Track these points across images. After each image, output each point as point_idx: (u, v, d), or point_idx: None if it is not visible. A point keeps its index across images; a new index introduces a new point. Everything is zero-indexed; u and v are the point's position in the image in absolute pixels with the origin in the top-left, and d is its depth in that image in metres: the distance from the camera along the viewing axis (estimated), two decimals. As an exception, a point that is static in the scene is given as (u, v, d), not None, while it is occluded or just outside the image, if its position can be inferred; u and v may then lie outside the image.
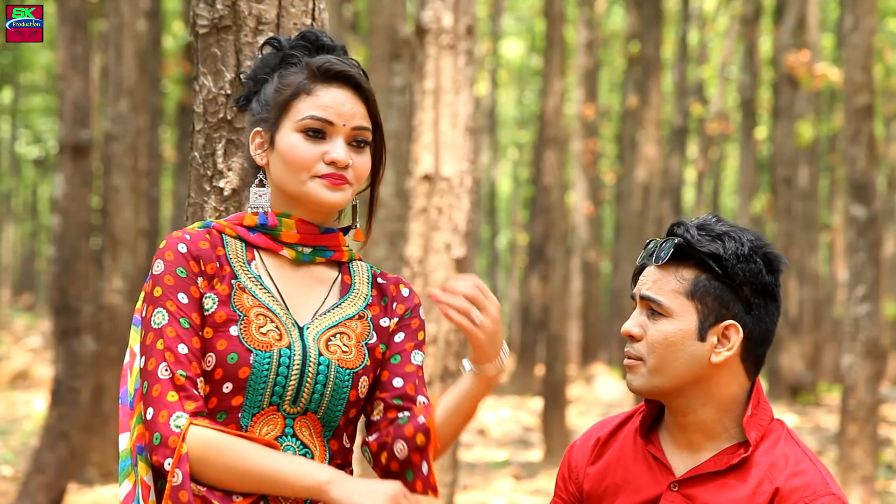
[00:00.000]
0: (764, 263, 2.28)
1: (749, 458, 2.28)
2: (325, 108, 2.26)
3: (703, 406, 2.30)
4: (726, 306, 2.27)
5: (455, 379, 5.51)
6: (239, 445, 2.14)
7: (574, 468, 2.47)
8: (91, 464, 9.70)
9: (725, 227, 2.29)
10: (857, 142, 8.91)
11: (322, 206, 2.27)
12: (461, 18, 5.61)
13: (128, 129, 10.00)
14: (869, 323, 8.75)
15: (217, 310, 2.22)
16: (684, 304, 2.28)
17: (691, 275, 2.28)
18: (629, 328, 2.31)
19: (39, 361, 18.38)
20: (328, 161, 2.25)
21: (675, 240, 2.30)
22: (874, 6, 9.07)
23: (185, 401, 2.15)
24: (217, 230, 2.30)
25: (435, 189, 5.54)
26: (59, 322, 8.23)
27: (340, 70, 2.29)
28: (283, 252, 2.30)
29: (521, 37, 29.04)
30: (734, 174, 29.00)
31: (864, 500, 8.50)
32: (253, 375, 2.19)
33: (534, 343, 19.62)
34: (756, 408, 2.31)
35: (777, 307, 2.32)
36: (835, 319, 21.00)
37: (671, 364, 2.28)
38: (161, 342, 2.17)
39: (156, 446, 2.13)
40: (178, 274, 2.22)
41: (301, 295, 2.30)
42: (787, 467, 2.28)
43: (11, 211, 33.89)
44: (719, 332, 2.28)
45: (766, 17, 21.68)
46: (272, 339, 2.21)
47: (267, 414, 2.21)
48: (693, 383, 2.29)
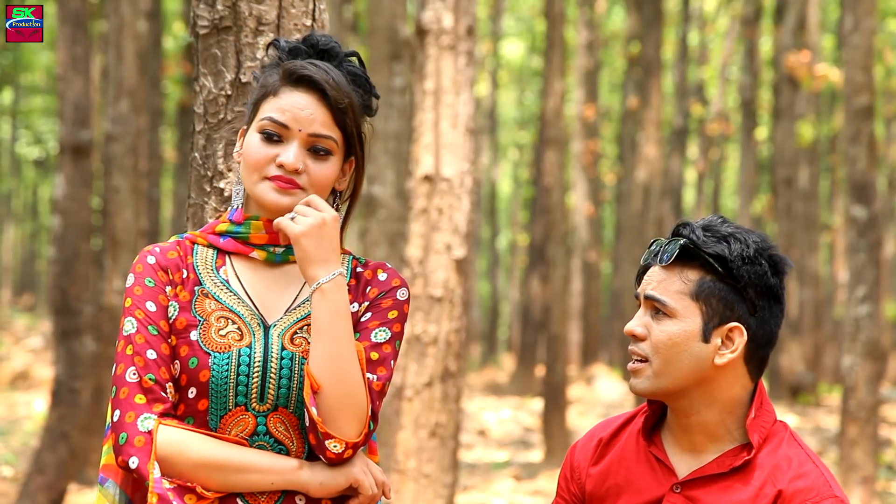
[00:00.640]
0: (769, 265, 2.28)
1: (752, 461, 2.28)
2: (283, 111, 2.26)
3: (706, 408, 2.30)
4: (731, 308, 2.27)
5: (455, 380, 5.52)
6: (206, 442, 2.17)
7: (576, 468, 2.46)
8: (91, 464, 9.70)
9: (731, 229, 2.29)
10: (858, 142, 8.91)
11: (269, 207, 2.27)
12: (461, 19, 5.61)
13: (128, 130, 10.00)
14: (869, 323, 8.75)
15: (178, 316, 2.25)
16: (689, 304, 2.27)
17: (696, 276, 2.28)
18: (633, 328, 2.31)
19: (40, 362, 18.38)
20: (277, 164, 2.25)
21: (680, 240, 2.29)
22: (874, 7, 9.07)
23: (152, 403, 2.17)
24: (189, 241, 2.33)
25: (435, 190, 5.54)
26: (59, 323, 8.23)
27: (306, 74, 2.27)
28: (252, 254, 2.31)
29: (522, 37, 29.04)
30: (734, 175, 28.99)
31: (864, 500, 8.50)
32: (213, 378, 2.21)
33: (534, 344, 19.62)
34: (759, 410, 2.31)
35: (781, 309, 2.31)
36: (835, 320, 20.99)
37: (675, 365, 2.27)
38: (130, 348, 2.20)
39: (121, 446, 2.15)
40: (147, 284, 2.25)
41: (272, 294, 2.30)
42: (791, 470, 2.27)
43: (12, 211, 33.89)
44: (723, 333, 2.27)
45: (766, 17, 21.67)
46: (231, 340, 2.23)
47: (235, 415, 2.22)
48: (696, 385, 2.28)
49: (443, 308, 5.51)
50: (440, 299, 5.51)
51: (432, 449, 5.41)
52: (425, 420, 5.44)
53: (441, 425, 5.45)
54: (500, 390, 20.19)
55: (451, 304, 5.53)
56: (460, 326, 5.57)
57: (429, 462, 5.42)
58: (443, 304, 5.51)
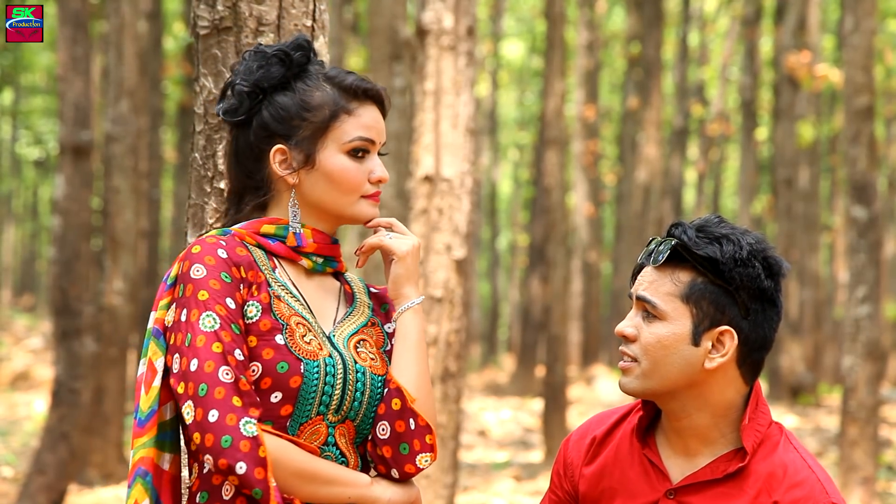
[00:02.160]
0: (763, 268, 2.23)
1: (746, 467, 2.24)
2: (368, 128, 2.28)
3: (697, 411, 2.27)
4: (722, 311, 2.22)
5: (455, 381, 5.52)
6: (300, 452, 2.16)
7: (569, 465, 2.44)
8: (91, 465, 9.70)
9: (726, 230, 2.24)
10: (858, 143, 8.91)
11: (364, 221, 2.32)
12: (462, 19, 5.61)
13: (128, 131, 10.00)
14: (869, 324, 8.75)
15: (261, 318, 2.19)
16: (679, 307, 2.23)
17: (688, 277, 2.24)
18: (623, 328, 2.28)
19: (40, 362, 18.38)
20: (374, 180, 2.29)
21: (672, 241, 2.25)
22: (875, 7, 9.06)
23: (249, 407, 2.11)
24: (238, 237, 2.27)
25: (435, 190, 5.54)
26: (59, 323, 8.23)
27: (374, 89, 2.32)
28: (301, 262, 2.29)
29: (522, 38, 29.03)
30: (735, 175, 28.99)
31: (864, 501, 8.50)
32: (304, 385, 2.18)
33: (534, 344, 19.61)
34: (754, 413, 2.27)
35: (777, 312, 2.26)
36: (835, 320, 20.99)
37: (664, 368, 2.24)
38: (218, 346, 2.12)
39: (225, 449, 2.08)
40: (223, 279, 2.18)
41: (320, 303, 2.30)
42: (786, 478, 2.23)
43: (12, 212, 33.89)
44: (714, 337, 2.23)
45: (766, 18, 21.67)
46: (315, 347, 2.22)
47: (314, 423, 2.21)
48: (687, 388, 2.25)
49: (443, 308, 5.51)
50: (440, 300, 5.51)
51: (432, 449, 5.41)
52: (425, 420, 5.43)
53: (441, 426, 5.45)
54: (500, 391, 20.19)
55: (452, 305, 5.53)
56: (460, 327, 5.57)
57: (429, 462, 5.42)
58: (443, 304, 5.52)
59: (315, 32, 2.73)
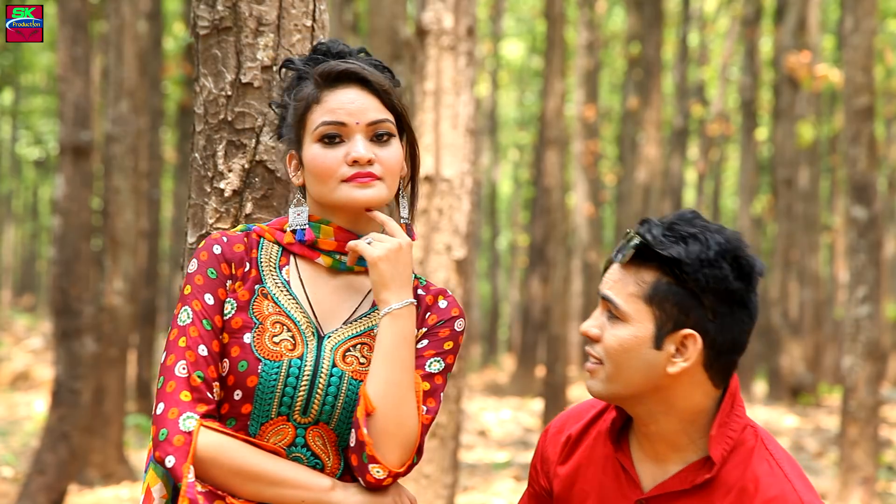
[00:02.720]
0: (732, 269, 2.10)
1: (716, 478, 2.14)
2: (333, 111, 2.24)
3: (664, 416, 2.16)
4: (686, 313, 2.10)
5: (455, 381, 5.52)
6: (245, 450, 2.14)
7: (546, 461, 2.37)
8: (91, 465, 9.70)
9: (695, 228, 2.13)
10: (858, 143, 8.91)
11: (357, 207, 2.24)
12: (462, 19, 5.61)
13: (128, 131, 10.00)
14: (869, 324, 8.75)
15: (234, 315, 2.21)
16: (641, 308, 2.12)
17: (652, 278, 2.12)
18: (587, 328, 2.17)
19: (40, 362, 18.38)
20: (350, 161, 2.22)
21: (637, 239, 2.14)
22: (875, 7, 9.06)
23: (197, 402, 2.14)
24: (257, 234, 2.29)
25: (435, 190, 5.54)
26: (59, 323, 8.23)
27: (342, 70, 2.26)
28: (318, 260, 2.28)
29: (522, 38, 29.03)
30: (735, 175, 28.98)
31: (864, 501, 8.50)
32: (260, 385, 2.18)
33: (534, 344, 19.62)
34: (725, 419, 2.16)
35: (749, 314, 2.14)
36: (835, 320, 20.98)
37: (626, 372, 2.13)
38: (183, 340, 2.17)
39: (160, 442, 2.13)
40: (209, 275, 2.22)
41: (332, 303, 2.27)
42: (759, 493, 2.12)
43: (12, 212, 33.89)
44: (677, 340, 2.12)
45: (766, 18, 21.67)
46: (284, 348, 2.20)
47: (276, 423, 2.20)
48: (652, 392, 2.15)
49: (443, 308, 5.51)
50: (440, 300, 5.50)
51: (432, 450, 5.41)
52: (425, 420, 5.43)
53: (441, 426, 5.45)
54: (500, 391, 20.19)
55: (452, 305, 5.53)
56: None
57: (429, 463, 5.42)
58: (443, 304, 5.51)
59: (315, 32, 2.73)
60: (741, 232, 2.37)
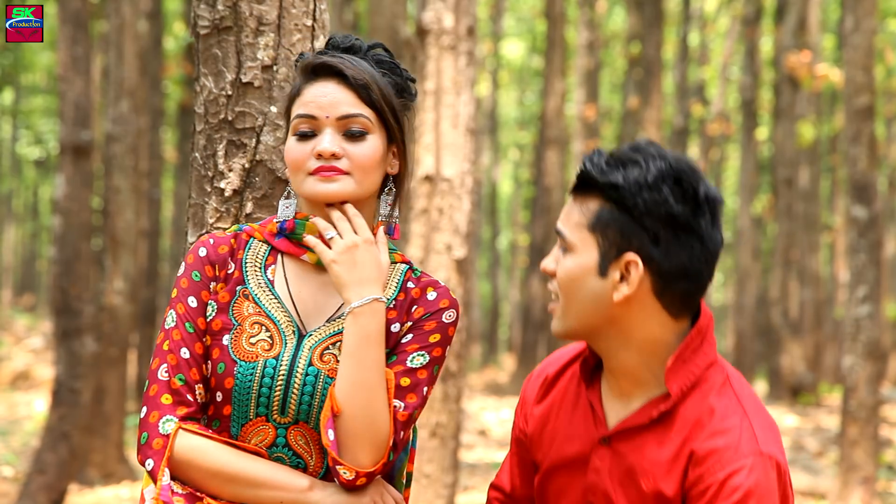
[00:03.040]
0: (673, 192, 2.06)
1: (674, 412, 2.09)
2: (306, 104, 2.25)
3: (622, 350, 2.12)
4: (628, 239, 2.06)
5: (456, 380, 5.52)
6: (223, 452, 2.15)
7: (525, 403, 2.34)
8: (92, 464, 9.70)
9: (639, 154, 2.09)
10: (858, 142, 8.91)
11: (320, 200, 2.23)
12: (462, 19, 5.61)
13: (129, 130, 10.00)
14: (870, 324, 8.75)
15: (215, 318, 2.23)
16: (586, 237, 2.10)
17: (595, 206, 2.10)
18: (544, 264, 2.16)
19: (40, 362, 18.38)
20: (315, 155, 2.22)
21: (581, 168, 2.13)
22: (875, 7, 9.06)
23: (177, 405, 2.16)
24: (247, 234, 2.31)
25: (436, 190, 5.54)
26: (59, 323, 8.23)
27: (320, 63, 2.25)
28: (303, 257, 2.28)
29: (522, 38, 29.03)
30: (735, 175, 28.98)
31: (865, 500, 8.50)
32: (236, 386, 2.19)
33: (535, 344, 19.61)
34: (685, 352, 2.10)
35: (698, 240, 2.08)
36: (836, 320, 20.98)
37: (576, 303, 2.11)
38: (167, 344, 2.20)
39: (141, 445, 2.15)
40: (193, 277, 2.24)
41: (317, 300, 2.27)
42: (710, 425, 2.05)
43: (12, 212, 33.89)
44: (621, 266, 2.07)
45: (766, 17, 21.67)
46: (260, 349, 2.20)
47: (256, 424, 2.20)
48: (606, 324, 2.11)
49: (443, 308, 5.51)
50: (441, 299, 5.51)
51: (433, 449, 5.41)
52: (426, 420, 5.43)
53: (441, 425, 5.45)
54: (500, 390, 20.18)
55: (452, 305, 5.53)
56: (461, 327, 5.57)
57: (429, 462, 5.42)
58: (443, 304, 5.51)
59: (315, 32, 2.73)
60: (741, 232, 2.35)
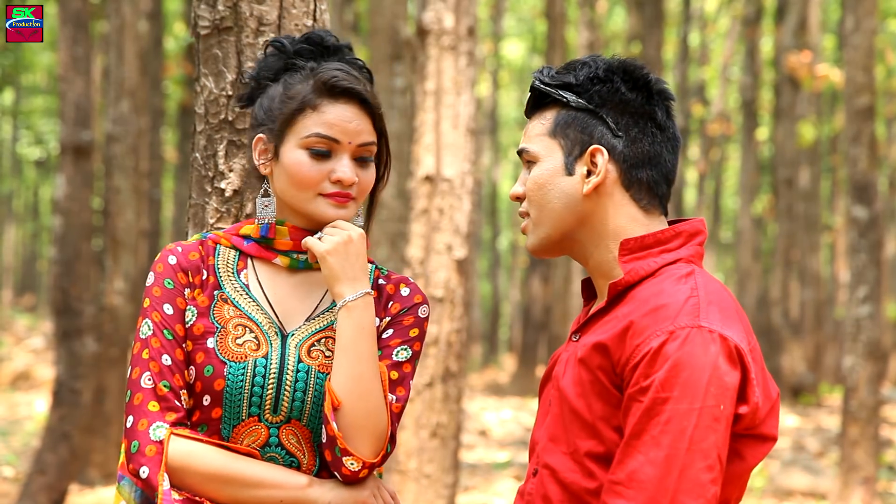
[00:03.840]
0: (624, 81, 2.14)
1: (626, 296, 2.11)
2: (331, 125, 2.23)
3: (596, 247, 2.16)
4: (590, 134, 2.14)
5: (456, 380, 5.52)
6: (217, 454, 2.16)
7: None
8: (92, 465, 9.70)
9: (587, 59, 2.17)
10: (859, 143, 8.91)
11: (326, 222, 2.25)
12: (462, 19, 5.61)
13: (129, 130, 10.00)
14: (870, 324, 8.75)
15: (195, 322, 2.23)
16: (549, 144, 2.16)
17: (552, 114, 2.17)
18: (512, 190, 2.21)
19: (41, 362, 18.39)
20: (334, 180, 2.23)
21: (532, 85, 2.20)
22: (875, 7, 9.06)
23: (165, 411, 2.16)
24: (213, 241, 2.31)
25: (436, 190, 5.54)
26: (60, 323, 8.23)
27: (348, 87, 2.24)
28: (276, 260, 2.29)
29: (523, 38, 29.04)
30: (735, 175, 28.98)
31: (865, 501, 8.50)
32: (228, 387, 2.19)
33: (535, 344, 19.62)
34: (646, 240, 2.13)
35: (657, 127, 2.15)
36: (836, 320, 20.98)
37: (547, 209, 2.16)
38: (146, 352, 2.19)
39: (132, 454, 2.14)
40: (166, 285, 2.23)
41: (293, 301, 2.28)
42: (654, 300, 2.05)
43: (13, 212, 33.90)
44: (587, 160, 2.14)
45: (767, 18, 21.67)
46: (248, 349, 2.21)
47: (248, 425, 2.21)
48: (578, 225, 2.15)
49: (444, 308, 5.52)
50: (441, 300, 5.51)
51: (433, 449, 5.41)
52: (426, 420, 5.44)
53: (442, 426, 5.45)
54: (501, 391, 20.19)
55: (452, 305, 5.53)
56: (461, 327, 5.57)
57: (430, 462, 5.42)
58: (444, 304, 5.52)
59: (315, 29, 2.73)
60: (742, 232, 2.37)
